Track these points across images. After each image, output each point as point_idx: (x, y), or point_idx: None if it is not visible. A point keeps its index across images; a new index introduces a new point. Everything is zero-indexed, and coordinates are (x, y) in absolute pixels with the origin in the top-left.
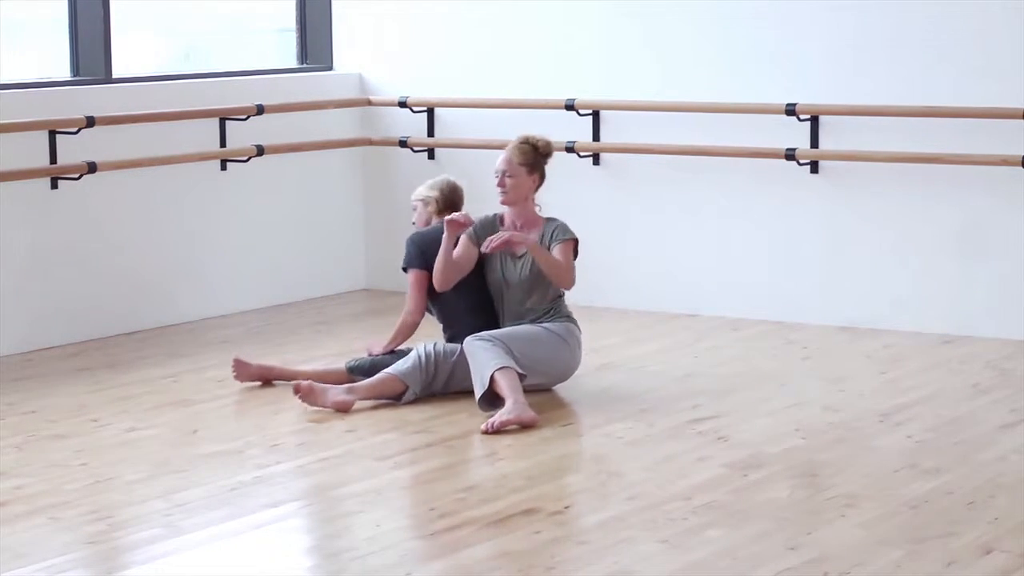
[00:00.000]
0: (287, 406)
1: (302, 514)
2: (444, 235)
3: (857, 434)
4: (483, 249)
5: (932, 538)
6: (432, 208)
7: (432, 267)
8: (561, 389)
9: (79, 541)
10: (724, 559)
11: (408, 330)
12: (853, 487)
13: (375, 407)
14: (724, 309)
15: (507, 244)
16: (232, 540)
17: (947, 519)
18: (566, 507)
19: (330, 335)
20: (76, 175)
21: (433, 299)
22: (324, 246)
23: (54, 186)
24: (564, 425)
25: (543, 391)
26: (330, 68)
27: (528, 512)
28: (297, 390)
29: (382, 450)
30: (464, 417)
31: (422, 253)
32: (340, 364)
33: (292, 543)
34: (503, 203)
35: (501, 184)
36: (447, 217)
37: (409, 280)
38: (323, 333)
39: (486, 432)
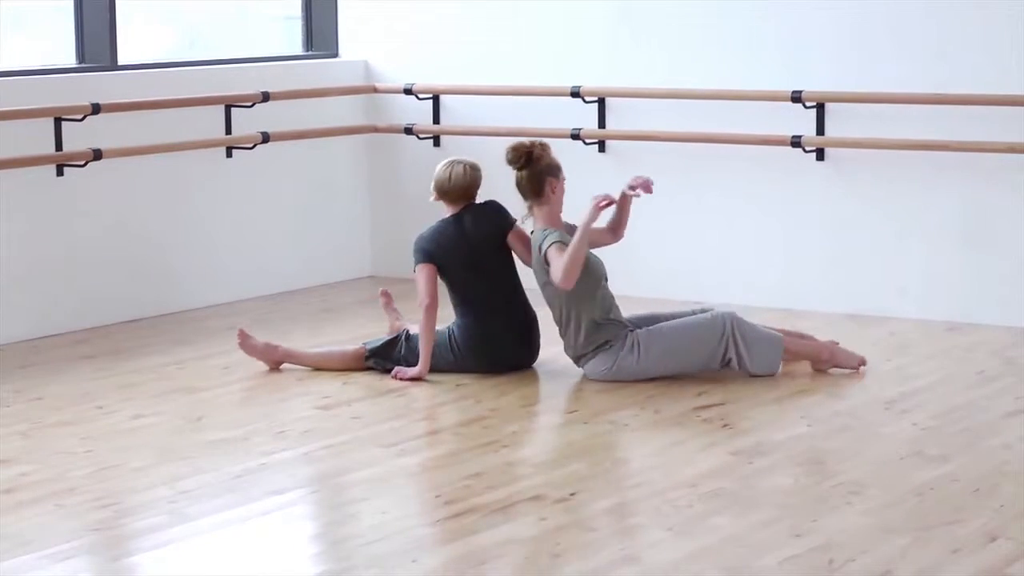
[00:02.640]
0: (292, 393)
1: (307, 501)
2: (584, 222)
3: (862, 422)
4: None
5: (937, 525)
6: (433, 194)
7: (437, 261)
8: (566, 376)
9: (84, 528)
10: (730, 546)
11: (431, 322)
12: (858, 474)
13: (380, 395)
14: (730, 296)
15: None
16: (237, 527)
17: (952, 506)
18: (572, 494)
19: (335, 322)
20: (81, 162)
21: (451, 286)
22: (329, 233)
23: (59, 173)
24: (569, 412)
25: (549, 378)
26: (335, 55)
27: (534, 499)
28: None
29: (388, 437)
30: (470, 404)
31: (423, 249)
32: (346, 346)
33: (297, 530)
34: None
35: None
36: (599, 200)
37: (417, 276)
38: (328, 320)
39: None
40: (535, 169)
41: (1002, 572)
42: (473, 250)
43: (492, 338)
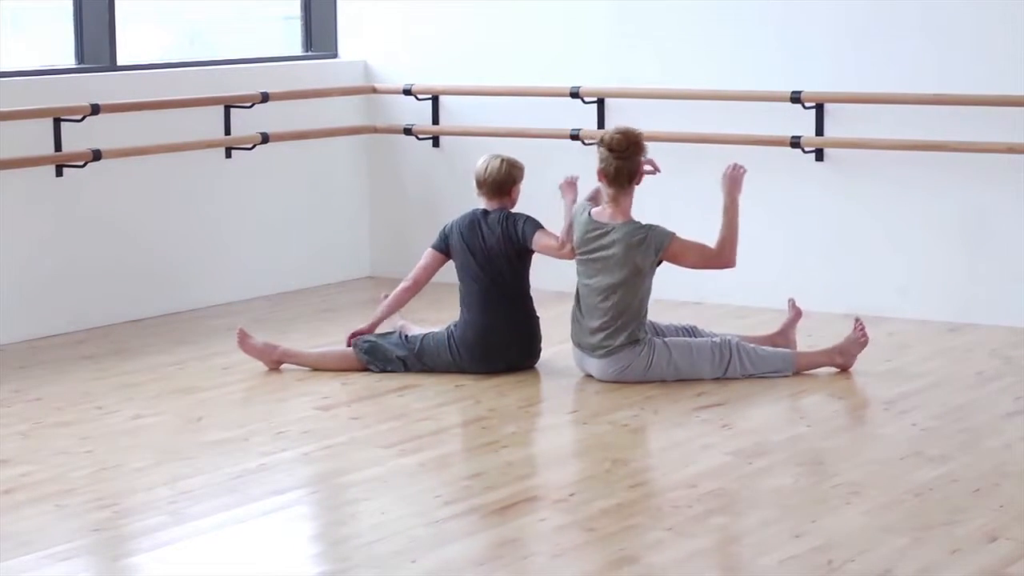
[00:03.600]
0: (292, 394)
1: (307, 502)
2: (734, 198)
3: (862, 422)
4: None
5: (937, 526)
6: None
7: (449, 253)
8: (565, 376)
9: (84, 528)
10: (729, 546)
11: (401, 297)
12: (858, 475)
13: (380, 396)
14: (729, 297)
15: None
16: (237, 528)
17: (952, 507)
18: (571, 495)
19: (335, 322)
20: (81, 162)
21: (459, 274)
22: (329, 234)
23: (59, 174)
24: (569, 413)
25: (549, 378)
26: (335, 55)
27: (533, 500)
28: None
29: (387, 438)
30: (470, 405)
31: (441, 235)
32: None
33: (297, 531)
34: None
35: None
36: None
37: (424, 254)
38: (328, 320)
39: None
40: (635, 159)
41: (1002, 572)
42: (486, 249)
43: (490, 339)
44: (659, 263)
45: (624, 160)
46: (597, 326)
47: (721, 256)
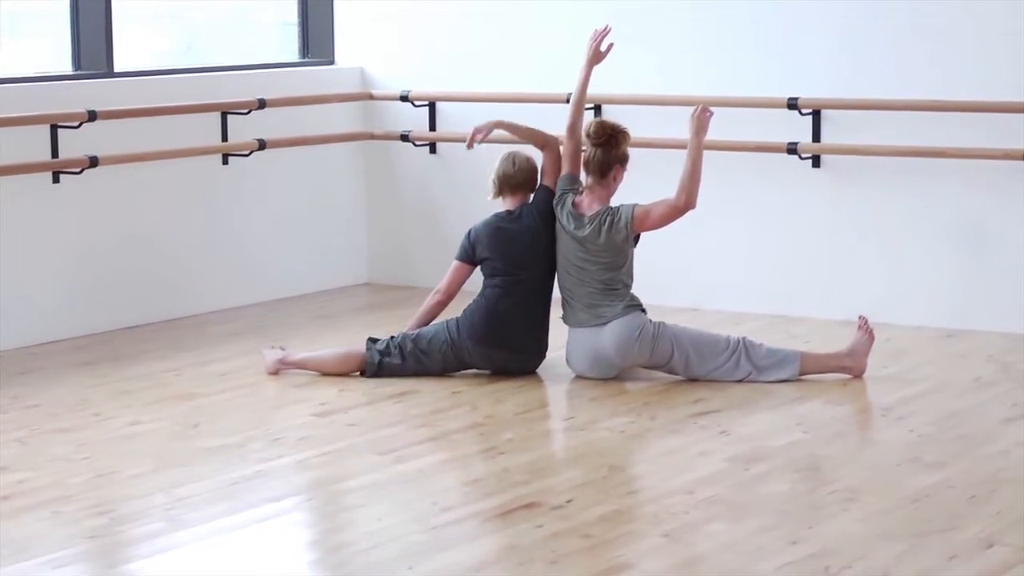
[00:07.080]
0: (289, 400)
1: (304, 508)
2: (699, 142)
3: (859, 428)
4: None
5: (934, 532)
6: (493, 192)
7: (477, 262)
8: (562, 383)
9: (81, 535)
10: (726, 553)
11: (435, 309)
12: (855, 481)
13: (377, 402)
14: (726, 303)
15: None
16: (234, 534)
17: (949, 513)
18: (568, 501)
19: (332, 329)
20: (78, 169)
21: (484, 271)
22: (326, 240)
23: (56, 180)
24: (566, 419)
25: (545, 385)
26: (332, 62)
27: (530, 506)
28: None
29: (384, 444)
30: (466, 411)
31: (472, 247)
32: (351, 348)
33: (294, 537)
34: None
35: None
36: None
37: (451, 266)
38: (326, 327)
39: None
40: (609, 152)
41: None
42: (522, 249)
43: (495, 321)
44: (636, 238)
45: (596, 148)
46: (599, 302)
47: (682, 199)
